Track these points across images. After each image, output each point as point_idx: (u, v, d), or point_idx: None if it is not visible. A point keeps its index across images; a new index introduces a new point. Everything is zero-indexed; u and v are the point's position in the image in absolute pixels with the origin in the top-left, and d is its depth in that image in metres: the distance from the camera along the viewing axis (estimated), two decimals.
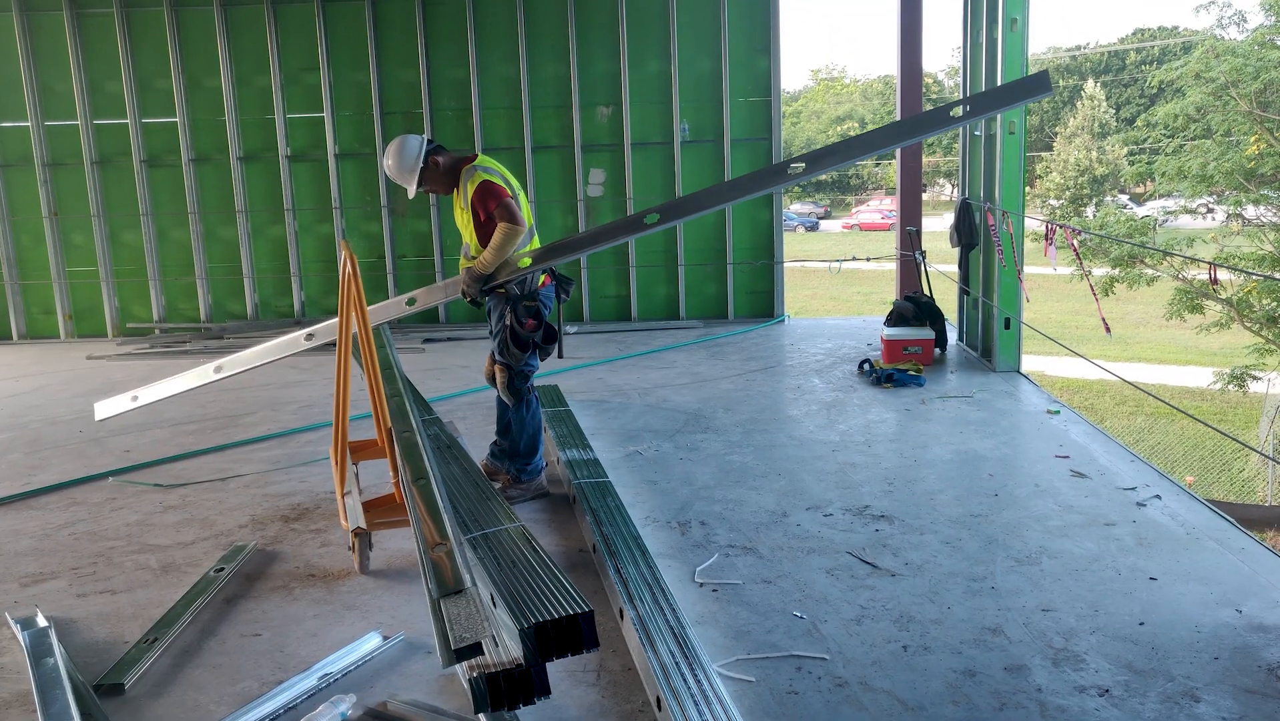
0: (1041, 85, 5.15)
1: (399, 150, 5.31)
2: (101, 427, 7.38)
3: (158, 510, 5.59)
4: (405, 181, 5.35)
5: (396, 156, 5.31)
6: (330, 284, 11.10)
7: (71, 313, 11.34)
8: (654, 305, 11.16)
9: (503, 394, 5.50)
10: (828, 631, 3.91)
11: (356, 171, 11.04)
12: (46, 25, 10.82)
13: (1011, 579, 4.34)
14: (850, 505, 5.30)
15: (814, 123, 59.35)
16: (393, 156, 5.32)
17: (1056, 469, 5.79)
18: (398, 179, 5.37)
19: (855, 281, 31.76)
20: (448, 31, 10.75)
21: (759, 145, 10.85)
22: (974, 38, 8.58)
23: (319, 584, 4.49)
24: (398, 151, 5.31)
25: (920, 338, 8.51)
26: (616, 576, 4.15)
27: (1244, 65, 16.41)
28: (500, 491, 5.19)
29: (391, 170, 5.36)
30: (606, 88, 10.80)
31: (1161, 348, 24.21)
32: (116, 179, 11.09)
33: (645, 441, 6.55)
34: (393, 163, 5.33)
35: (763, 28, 10.66)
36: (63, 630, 4.11)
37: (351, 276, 4.63)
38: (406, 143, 5.32)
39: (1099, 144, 42.68)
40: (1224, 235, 19.65)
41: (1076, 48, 57.14)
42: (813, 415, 7.12)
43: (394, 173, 5.36)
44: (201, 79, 10.92)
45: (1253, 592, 4.15)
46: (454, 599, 2.87)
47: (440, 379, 8.52)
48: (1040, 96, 5.25)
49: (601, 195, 10.94)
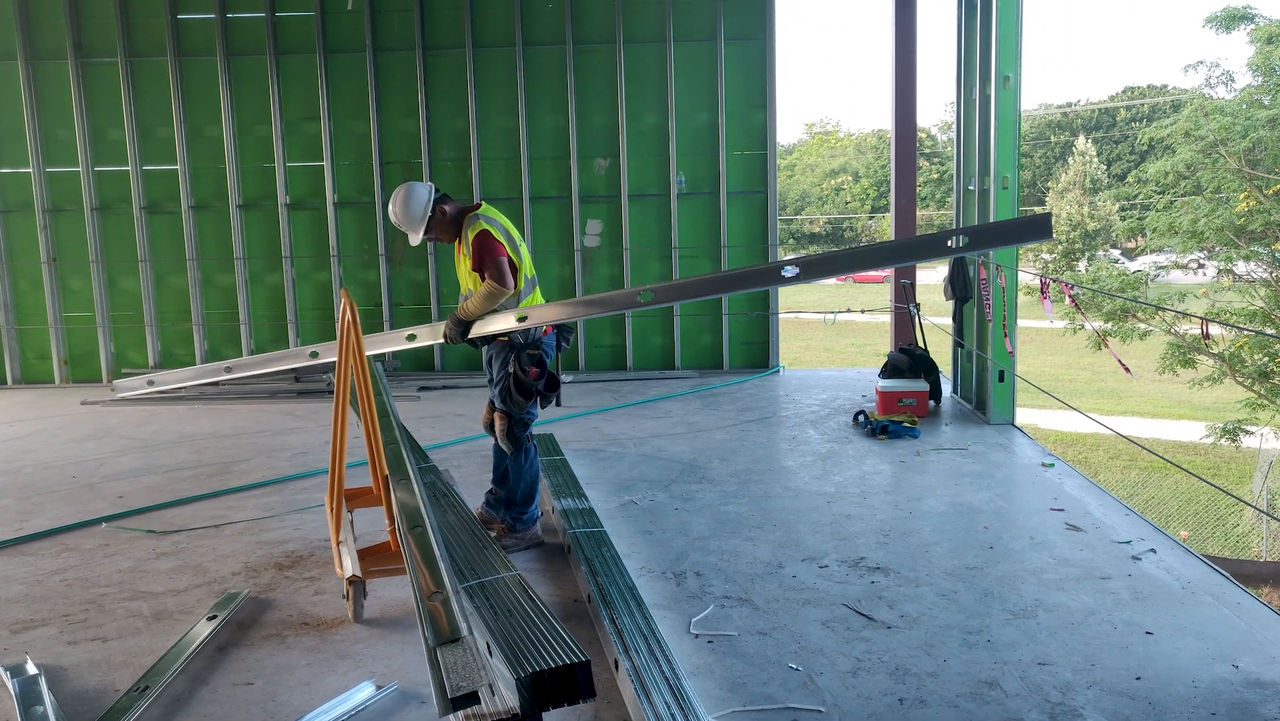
0: (1043, 229, 5.10)
1: (406, 198, 5.33)
2: (95, 474, 7.36)
3: (150, 556, 5.56)
4: (412, 229, 5.37)
5: (404, 204, 5.33)
6: (326, 331, 11.11)
7: (67, 358, 11.35)
8: (649, 355, 11.20)
9: (502, 442, 5.50)
10: (823, 683, 3.89)
11: (355, 220, 11.11)
12: (51, 74, 10.94)
13: (1007, 632, 4.33)
14: (846, 557, 5.29)
15: (809, 175, 59.85)
16: (400, 204, 5.34)
17: (1051, 522, 5.79)
18: (404, 226, 5.38)
19: (849, 333, 31.88)
20: (448, 83, 10.88)
21: (754, 198, 10.95)
22: (967, 94, 8.71)
23: (312, 632, 4.47)
24: (405, 199, 5.33)
25: (915, 390, 8.53)
26: (612, 627, 4.13)
27: (1232, 124, 16.62)
28: (495, 540, 5.19)
29: (398, 217, 5.38)
30: (604, 140, 10.92)
31: (1154, 402, 24.27)
32: (116, 225, 11.15)
33: (640, 491, 6.54)
34: (399, 210, 5.35)
35: (759, 82, 10.80)
36: (53, 678, 4.07)
37: (351, 324, 4.66)
38: (414, 190, 5.34)
39: (1091, 199, 43.08)
40: (1215, 291, 19.79)
41: (1068, 104, 57.90)
42: (808, 466, 7.13)
43: (401, 220, 5.37)
44: (203, 127, 11.03)
45: (1249, 648, 4.14)
46: (450, 647, 2.86)
47: (436, 427, 8.52)
48: (1040, 240, 5.26)
49: (598, 246, 11.02)
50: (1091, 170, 45.71)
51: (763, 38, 10.75)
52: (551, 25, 10.78)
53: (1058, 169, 48.73)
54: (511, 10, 10.73)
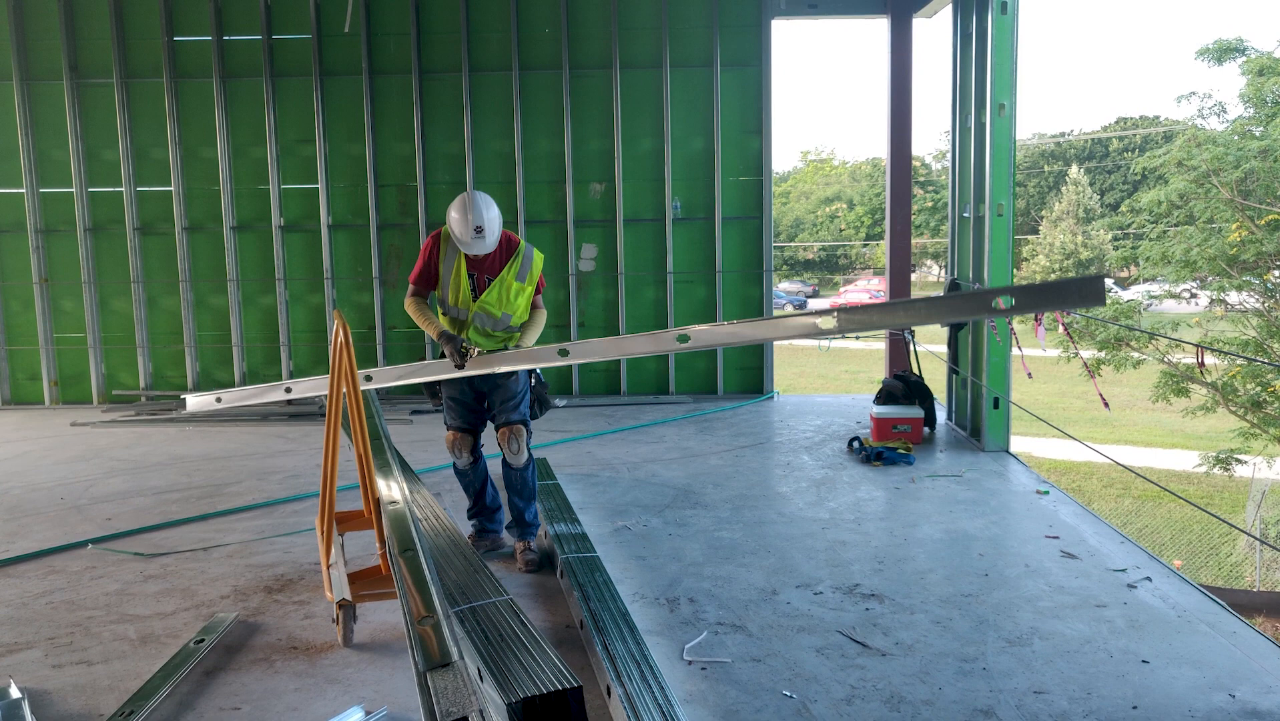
0: (1095, 293, 4.48)
1: (482, 198, 5.28)
2: (84, 495, 7.31)
3: (138, 579, 5.50)
4: (492, 236, 5.30)
5: (485, 204, 5.28)
6: (319, 353, 11.08)
7: (57, 379, 11.29)
8: (643, 379, 11.18)
9: (522, 454, 5.55)
10: (818, 711, 3.85)
11: (349, 242, 11.10)
12: (46, 95, 10.94)
13: (1003, 660, 4.29)
14: (840, 583, 5.25)
15: (803, 203, 60.06)
16: (490, 207, 5.29)
17: (1047, 549, 5.76)
18: (490, 233, 5.29)
19: (843, 360, 31.89)
20: (443, 107, 10.90)
21: (749, 224, 10.97)
22: (963, 122, 8.74)
23: (301, 656, 4.41)
24: (483, 199, 5.28)
25: (910, 416, 8.52)
26: (604, 653, 4.08)
27: (1225, 154, 16.70)
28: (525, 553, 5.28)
29: (492, 221, 5.27)
30: (600, 164, 10.94)
31: (1148, 430, 24.27)
32: (109, 246, 11.12)
33: (634, 516, 6.50)
34: (495, 213, 5.29)
35: (754, 108, 10.84)
36: (37, 702, 4.02)
37: (344, 346, 4.63)
38: (487, 198, 5.32)
39: (1084, 228, 43.29)
40: (1208, 320, 19.84)
41: (1061, 134, 58.25)
42: (802, 492, 7.09)
43: (493, 224, 5.28)
44: (198, 149, 11.02)
45: (1246, 677, 4.11)
46: (441, 672, 2.81)
47: (428, 450, 8.47)
48: (1091, 304, 4.56)
49: (593, 270, 11.02)
50: (1084, 199, 45.95)
51: (759, 64, 10.79)
52: (548, 50, 10.82)
53: (1051, 198, 48.97)
54: (508, 35, 10.76)
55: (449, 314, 5.55)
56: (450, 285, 5.48)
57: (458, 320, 5.53)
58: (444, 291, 5.51)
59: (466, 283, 5.44)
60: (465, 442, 5.60)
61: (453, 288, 5.47)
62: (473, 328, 5.50)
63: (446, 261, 5.47)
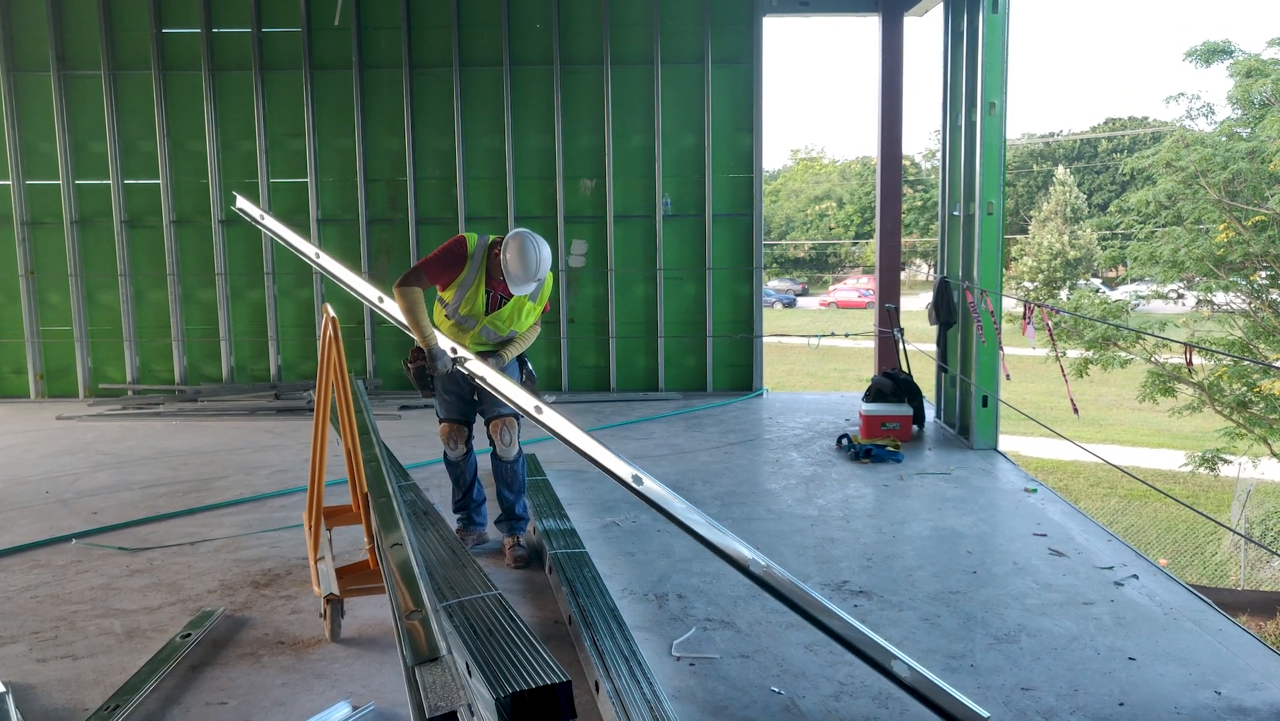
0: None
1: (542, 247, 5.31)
2: (69, 489, 7.27)
3: (124, 574, 5.47)
4: (541, 278, 5.40)
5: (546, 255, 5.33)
6: (307, 349, 11.05)
7: (43, 372, 11.22)
8: (633, 376, 11.17)
9: (514, 446, 5.59)
10: (806, 707, 3.85)
11: (338, 236, 11.05)
12: (33, 86, 10.86)
13: (991, 657, 4.30)
14: (829, 580, 5.25)
15: (793, 201, 60.11)
16: (546, 255, 5.33)
17: (1034, 547, 5.78)
18: (540, 276, 5.37)
19: (833, 358, 31.94)
20: (434, 101, 10.87)
21: (740, 221, 10.96)
22: (953, 120, 8.76)
23: (288, 651, 4.40)
24: (543, 248, 5.31)
25: (899, 414, 8.53)
26: (593, 648, 4.08)
27: (1213, 155, 16.76)
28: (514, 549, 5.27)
29: (544, 265, 5.33)
30: (590, 160, 10.92)
31: (1134, 430, 24.37)
32: (96, 239, 11.05)
33: (623, 512, 6.49)
34: (541, 261, 5.31)
35: (746, 106, 10.83)
36: (21, 696, 3.99)
37: (333, 340, 4.61)
38: (544, 244, 5.33)
39: (1071, 228, 43.41)
40: (1195, 320, 19.92)
41: (1050, 134, 58.41)
42: (791, 489, 7.10)
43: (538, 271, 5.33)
44: (186, 142, 10.96)
45: (1231, 674, 4.13)
46: (429, 667, 2.80)
47: (417, 445, 8.45)
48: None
49: (583, 266, 11.00)
50: (1072, 199, 46.08)
51: (750, 61, 10.78)
52: (539, 45, 10.79)
53: (1040, 198, 49.10)
54: (499, 30, 10.74)
55: (453, 317, 5.55)
56: (466, 296, 5.49)
57: (461, 326, 5.54)
58: (456, 298, 5.50)
59: (483, 298, 5.47)
60: (460, 434, 5.68)
61: (468, 299, 5.49)
62: (473, 335, 5.55)
63: (470, 274, 5.45)
